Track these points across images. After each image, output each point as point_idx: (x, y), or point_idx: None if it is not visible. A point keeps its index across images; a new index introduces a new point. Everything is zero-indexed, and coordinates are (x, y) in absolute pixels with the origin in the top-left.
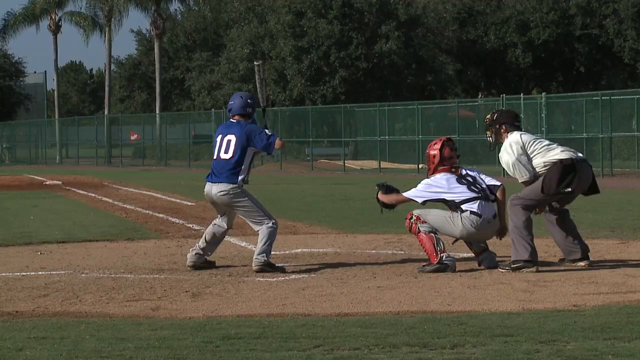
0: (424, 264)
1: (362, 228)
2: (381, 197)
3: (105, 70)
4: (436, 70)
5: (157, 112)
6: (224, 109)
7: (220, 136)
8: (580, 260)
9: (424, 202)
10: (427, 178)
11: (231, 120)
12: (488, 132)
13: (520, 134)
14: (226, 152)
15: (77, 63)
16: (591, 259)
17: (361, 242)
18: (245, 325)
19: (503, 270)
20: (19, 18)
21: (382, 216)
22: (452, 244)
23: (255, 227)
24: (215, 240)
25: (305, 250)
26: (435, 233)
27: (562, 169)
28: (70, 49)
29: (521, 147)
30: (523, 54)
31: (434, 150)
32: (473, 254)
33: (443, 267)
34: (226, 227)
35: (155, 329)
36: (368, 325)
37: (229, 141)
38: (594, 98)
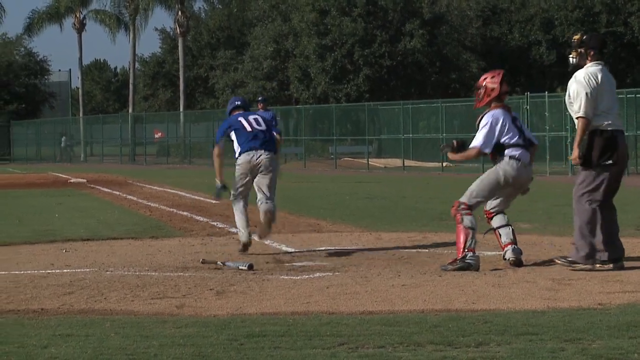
0: (449, 261)
1: (386, 226)
2: (452, 156)
3: (129, 69)
4: (460, 68)
5: (181, 110)
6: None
7: (242, 118)
8: (609, 262)
9: (488, 152)
10: (485, 114)
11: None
12: (573, 53)
13: (601, 71)
14: (259, 124)
15: (102, 61)
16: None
17: (385, 240)
18: (269, 323)
19: (560, 262)
20: (43, 16)
21: (408, 214)
22: (484, 234)
23: (268, 199)
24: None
25: (329, 248)
26: (473, 229)
27: (603, 141)
28: (95, 47)
29: (595, 86)
30: (547, 51)
31: (493, 84)
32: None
33: (465, 266)
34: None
35: (179, 327)
36: (392, 323)
37: (255, 118)
38: (619, 96)
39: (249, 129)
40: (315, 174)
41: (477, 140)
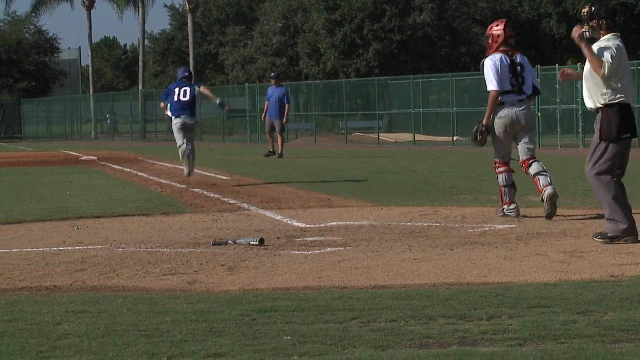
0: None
1: (397, 200)
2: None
3: (139, 46)
4: (470, 42)
5: None
6: (257, 83)
7: (177, 88)
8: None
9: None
10: (484, 61)
11: (181, 80)
12: (585, 27)
13: (621, 44)
14: (184, 96)
15: (111, 39)
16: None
17: (396, 214)
18: (281, 298)
19: (600, 241)
20: None
21: (418, 188)
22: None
23: (189, 143)
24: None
25: (340, 223)
26: (505, 185)
27: (621, 115)
28: (104, 24)
29: (619, 55)
30: (558, 24)
31: (498, 30)
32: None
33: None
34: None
35: (191, 303)
36: (404, 297)
37: (184, 90)
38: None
39: (175, 99)
40: (326, 148)
41: (488, 84)
